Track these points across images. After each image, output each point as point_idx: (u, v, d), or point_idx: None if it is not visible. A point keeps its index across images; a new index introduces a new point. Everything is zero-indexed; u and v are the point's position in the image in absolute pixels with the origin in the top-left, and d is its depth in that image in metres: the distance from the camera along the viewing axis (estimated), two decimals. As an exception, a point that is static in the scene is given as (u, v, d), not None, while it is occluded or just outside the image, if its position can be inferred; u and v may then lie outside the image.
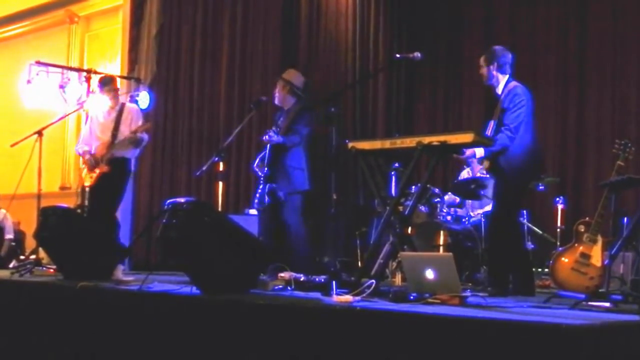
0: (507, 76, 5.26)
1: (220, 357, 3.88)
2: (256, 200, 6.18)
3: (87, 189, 6.83)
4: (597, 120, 8.05)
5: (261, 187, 6.12)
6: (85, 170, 6.76)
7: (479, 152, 5.11)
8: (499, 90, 5.25)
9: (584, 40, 8.22)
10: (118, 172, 6.63)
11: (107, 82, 6.86)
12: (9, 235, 9.39)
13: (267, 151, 6.12)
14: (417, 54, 5.16)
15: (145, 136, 6.70)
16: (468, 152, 5.21)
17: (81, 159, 6.86)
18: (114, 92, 6.82)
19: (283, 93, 6.26)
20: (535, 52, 8.37)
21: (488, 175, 6.20)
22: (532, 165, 5.19)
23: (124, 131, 6.63)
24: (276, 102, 6.35)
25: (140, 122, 6.72)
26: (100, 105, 6.87)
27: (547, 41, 8.30)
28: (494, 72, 5.24)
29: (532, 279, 5.27)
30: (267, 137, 6.05)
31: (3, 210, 9.41)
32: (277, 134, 6.04)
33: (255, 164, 6.31)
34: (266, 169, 6.09)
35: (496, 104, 5.27)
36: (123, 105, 6.84)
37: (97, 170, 6.61)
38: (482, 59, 5.33)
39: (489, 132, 5.19)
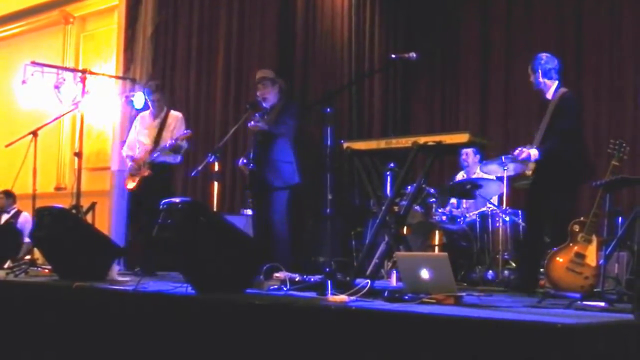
0: (556, 82, 5.38)
1: (216, 357, 3.88)
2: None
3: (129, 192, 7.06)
4: (592, 120, 8.05)
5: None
6: (128, 174, 6.95)
7: (534, 154, 5.16)
8: (549, 95, 5.37)
9: (580, 40, 8.23)
10: (160, 177, 6.77)
11: (154, 89, 7.00)
12: (29, 240, 9.35)
13: (254, 146, 6.09)
14: (413, 54, 5.17)
15: (185, 144, 6.82)
16: (523, 154, 5.20)
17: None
18: (160, 97, 6.95)
19: (274, 92, 6.24)
20: (532, 51, 8.31)
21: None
22: (585, 168, 5.34)
23: (166, 137, 6.77)
24: (266, 104, 6.21)
25: (183, 129, 6.81)
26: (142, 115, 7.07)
27: (544, 41, 8.29)
28: (541, 79, 5.38)
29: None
30: (252, 122, 5.99)
31: (25, 214, 9.35)
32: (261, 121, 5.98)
33: (240, 163, 6.29)
34: (252, 164, 6.05)
35: (545, 108, 5.37)
36: (168, 112, 6.94)
37: (139, 175, 6.76)
38: (529, 68, 5.45)
39: (539, 135, 5.28)
